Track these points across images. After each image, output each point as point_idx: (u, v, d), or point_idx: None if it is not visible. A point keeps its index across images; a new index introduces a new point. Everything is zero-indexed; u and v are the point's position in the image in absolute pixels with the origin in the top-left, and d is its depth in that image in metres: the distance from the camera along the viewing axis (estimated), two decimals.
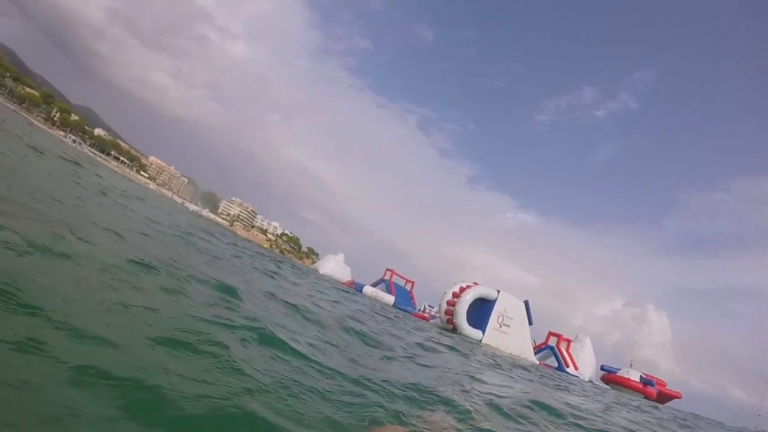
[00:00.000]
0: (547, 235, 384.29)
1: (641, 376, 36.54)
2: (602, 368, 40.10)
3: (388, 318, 13.60)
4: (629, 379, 36.23)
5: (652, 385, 36.28)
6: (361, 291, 42.29)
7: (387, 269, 50.26)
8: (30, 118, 73.47)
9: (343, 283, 42.50)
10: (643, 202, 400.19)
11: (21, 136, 16.86)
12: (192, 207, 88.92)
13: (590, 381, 32.07)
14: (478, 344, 22.18)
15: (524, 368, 14.00)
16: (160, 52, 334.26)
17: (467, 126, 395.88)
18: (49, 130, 72.81)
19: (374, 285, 48.66)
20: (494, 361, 12.52)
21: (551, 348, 35.80)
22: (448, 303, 28.75)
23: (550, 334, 36.75)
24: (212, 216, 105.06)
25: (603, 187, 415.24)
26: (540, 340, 36.76)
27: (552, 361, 34.93)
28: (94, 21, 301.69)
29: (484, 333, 26.64)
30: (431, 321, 33.98)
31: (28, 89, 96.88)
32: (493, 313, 27.37)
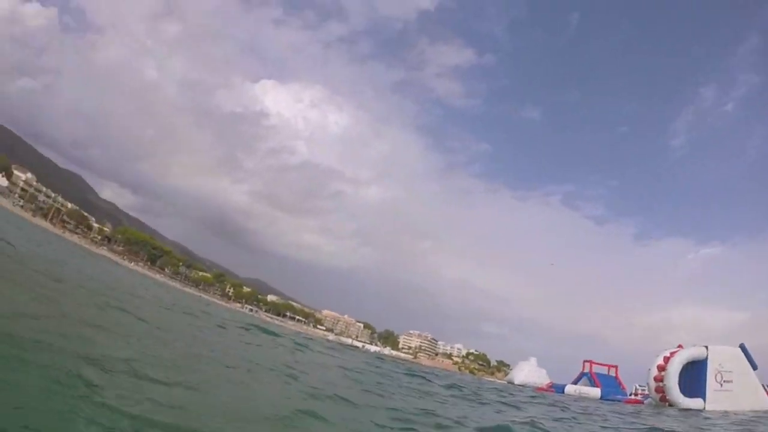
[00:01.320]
0: (736, 261, 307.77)
1: None
2: None
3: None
4: None
5: None
6: (562, 392, 40.82)
7: (584, 361, 47.50)
8: (208, 297, 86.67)
9: (540, 389, 41.76)
10: None
11: (209, 313, 18.90)
12: (373, 348, 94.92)
13: None
14: (701, 413, 20.68)
15: None
16: (304, 216, 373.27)
17: (610, 184, 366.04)
18: (226, 304, 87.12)
19: (575, 382, 46.09)
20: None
21: None
22: (656, 379, 27.02)
23: None
24: (395, 353, 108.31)
25: None
26: None
27: None
28: (241, 205, 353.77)
29: (704, 399, 24.14)
30: (646, 402, 31.33)
31: (200, 273, 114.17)
32: (708, 374, 24.87)
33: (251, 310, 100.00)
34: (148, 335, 7.12)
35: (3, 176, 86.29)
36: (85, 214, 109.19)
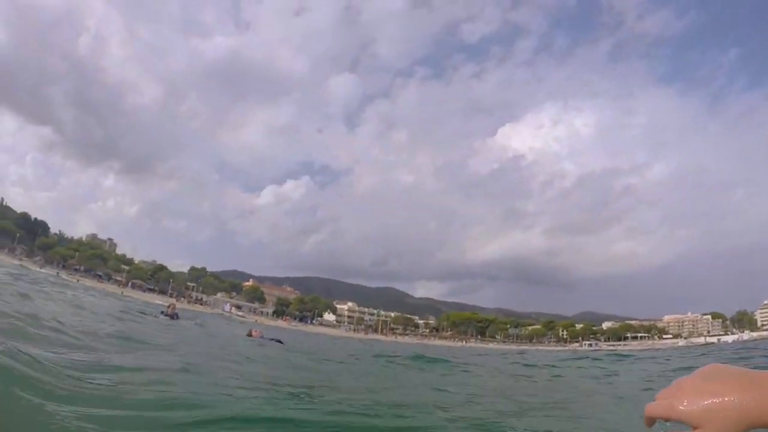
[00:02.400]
0: None
1: None
2: None
3: None
4: None
5: None
6: None
7: None
8: (547, 347, 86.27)
9: None
10: None
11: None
12: (730, 338, 79.36)
13: None
14: None
15: None
16: (605, 228, 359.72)
17: None
18: (566, 347, 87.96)
19: None
20: None
21: None
22: None
23: None
24: (755, 334, 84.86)
25: None
26: None
27: None
28: (540, 248, 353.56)
29: None
30: None
31: (530, 327, 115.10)
32: None
33: (590, 345, 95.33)
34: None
35: (329, 313, 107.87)
36: (408, 316, 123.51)
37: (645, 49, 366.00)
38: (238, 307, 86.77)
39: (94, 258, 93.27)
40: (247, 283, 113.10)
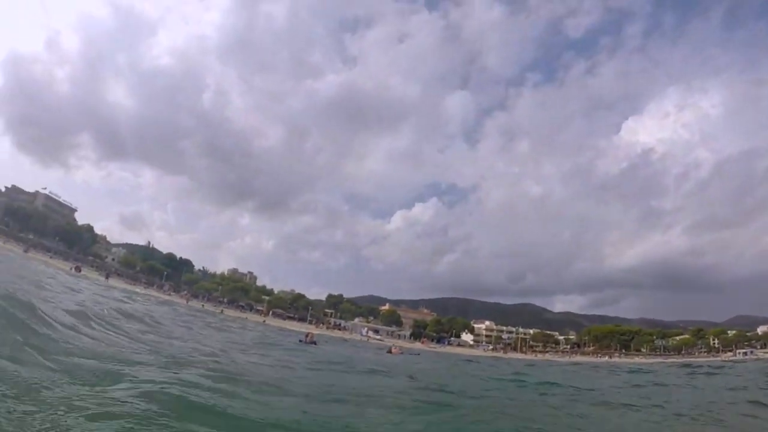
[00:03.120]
0: None
1: None
2: None
3: None
4: None
5: None
6: None
7: None
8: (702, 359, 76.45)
9: None
10: None
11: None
12: None
13: None
14: None
15: None
16: (753, 218, 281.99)
17: None
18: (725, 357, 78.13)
19: None
20: None
21: None
22: None
23: None
24: None
25: None
26: None
27: None
28: (683, 248, 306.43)
29: None
30: None
31: (678, 338, 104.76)
32: None
33: (744, 353, 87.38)
34: None
35: (467, 333, 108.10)
36: (547, 332, 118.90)
37: (761, 7, 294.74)
38: (376, 331, 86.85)
39: (236, 290, 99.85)
40: (383, 307, 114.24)
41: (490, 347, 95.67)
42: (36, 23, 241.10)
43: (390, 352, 15.80)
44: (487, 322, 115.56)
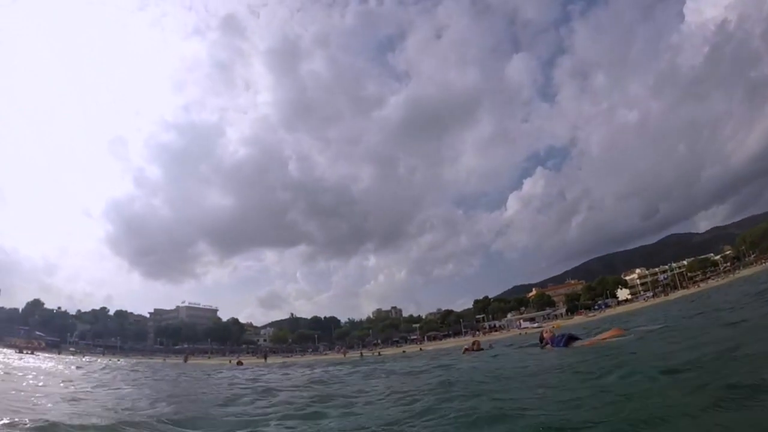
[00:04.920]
0: None
1: None
2: None
3: None
4: None
5: None
6: None
7: None
8: None
9: None
10: None
11: None
12: None
13: None
14: None
15: None
16: None
17: None
18: None
19: None
20: None
21: None
22: None
23: None
24: None
25: None
26: None
27: None
28: None
29: None
30: None
31: None
32: None
33: None
34: None
35: (621, 288, 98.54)
36: (701, 257, 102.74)
37: None
38: (531, 320, 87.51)
39: (386, 328, 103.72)
40: (531, 294, 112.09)
41: (650, 294, 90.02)
42: (120, 169, 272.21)
43: (542, 339, 11.58)
44: (638, 270, 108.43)
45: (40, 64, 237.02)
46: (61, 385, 9.74)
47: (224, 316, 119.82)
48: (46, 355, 43.06)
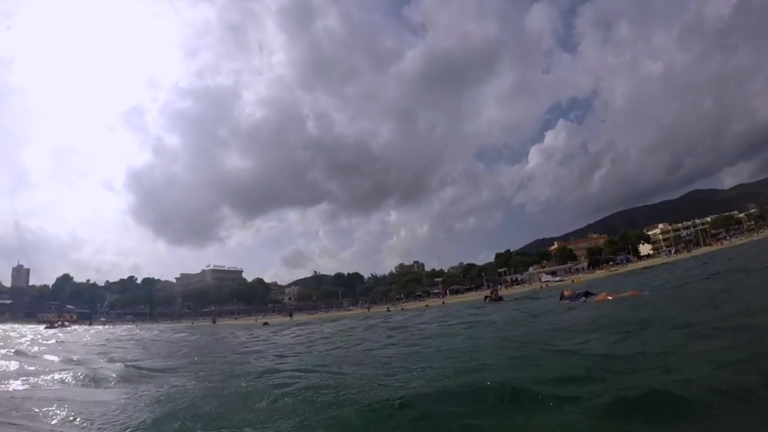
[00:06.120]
0: None
1: None
2: None
3: None
4: None
5: None
6: None
7: None
8: None
9: None
10: None
11: None
12: None
13: None
14: None
15: None
16: None
17: None
18: None
19: None
20: None
21: None
22: None
23: None
24: None
25: None
26: None
27: None
28: None
29: None
30: None
31: None
32: None
33: None
34: None
35: (643, 243, 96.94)
36: (726, 214, 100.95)
37: None
38: (553, 273, 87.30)
39: (409, 283, 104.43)
40: (552, 247, 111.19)
41: (673, 250, 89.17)
42: (139, 140, 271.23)
43: (562, 297, 12.84)
44: (661, 225, 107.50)
45: (51, 42, 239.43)
46: None
47: (249, 277, 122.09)
48: (76, 327, 45.42)
